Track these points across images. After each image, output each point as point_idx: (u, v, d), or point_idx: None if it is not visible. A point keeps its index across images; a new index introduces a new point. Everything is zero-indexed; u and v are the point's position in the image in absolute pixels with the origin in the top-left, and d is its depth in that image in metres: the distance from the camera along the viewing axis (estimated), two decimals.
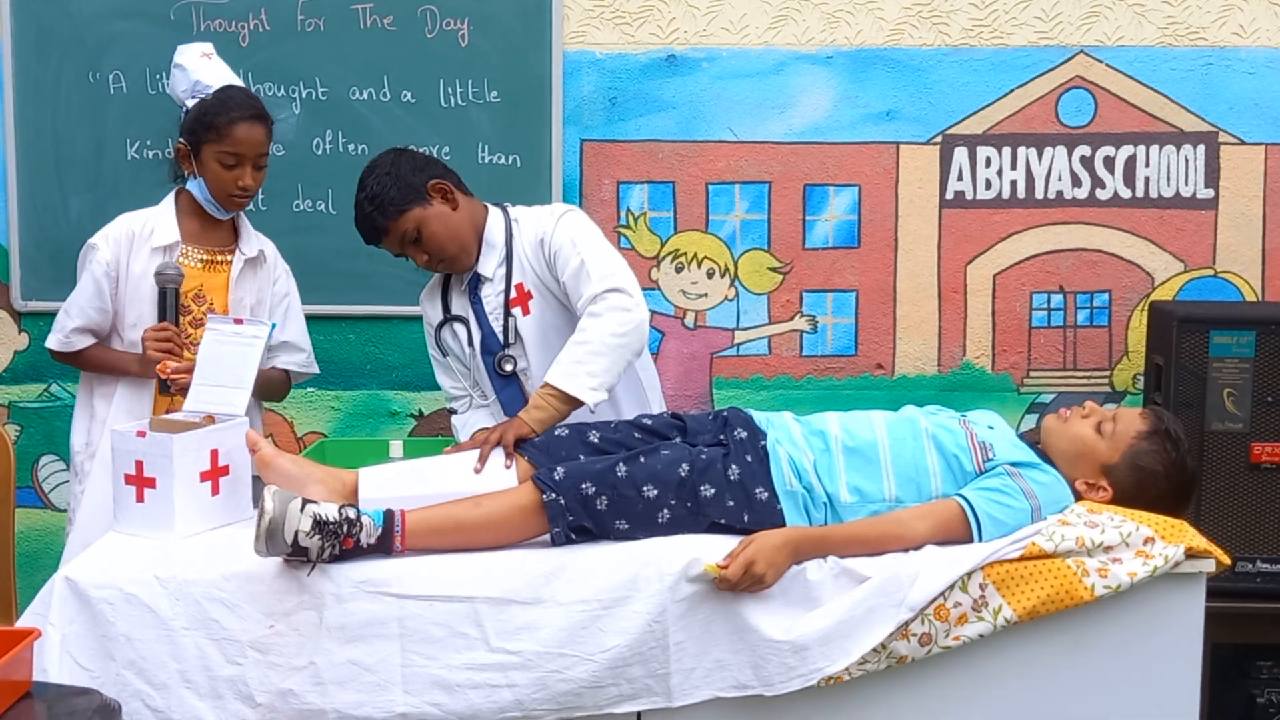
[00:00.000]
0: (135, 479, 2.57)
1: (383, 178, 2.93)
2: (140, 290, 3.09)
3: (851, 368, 4.01)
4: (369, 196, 2.93)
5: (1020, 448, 2.61)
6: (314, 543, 2.34)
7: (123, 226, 3.12)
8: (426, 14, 3.89)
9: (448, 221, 2.96)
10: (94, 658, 2.36)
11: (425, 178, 2.95)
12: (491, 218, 3.05)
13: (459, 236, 2.97)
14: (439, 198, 2.95)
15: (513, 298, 3.00)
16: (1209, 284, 3.95)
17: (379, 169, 2.95)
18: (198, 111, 3.05)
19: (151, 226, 3.11)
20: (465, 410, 3.16)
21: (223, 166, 3.04)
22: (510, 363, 3.02)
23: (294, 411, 4.02)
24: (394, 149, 3.04)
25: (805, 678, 2.37)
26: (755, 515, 2.52)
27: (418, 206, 2.92)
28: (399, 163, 2.96)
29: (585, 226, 2.96)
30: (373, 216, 2.93)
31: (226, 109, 3.04)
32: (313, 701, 2.36)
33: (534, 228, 2.99)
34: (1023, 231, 3.96)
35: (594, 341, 2.74)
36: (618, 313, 2.77)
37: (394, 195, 2.91)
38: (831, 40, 3.90)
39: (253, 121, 3.06)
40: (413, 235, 2.93)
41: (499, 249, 3.01)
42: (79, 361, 3.17)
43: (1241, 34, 3.87)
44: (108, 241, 3.09)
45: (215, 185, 3.07)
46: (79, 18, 3.90)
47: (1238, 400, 3.42)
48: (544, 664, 2.35)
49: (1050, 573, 2.40)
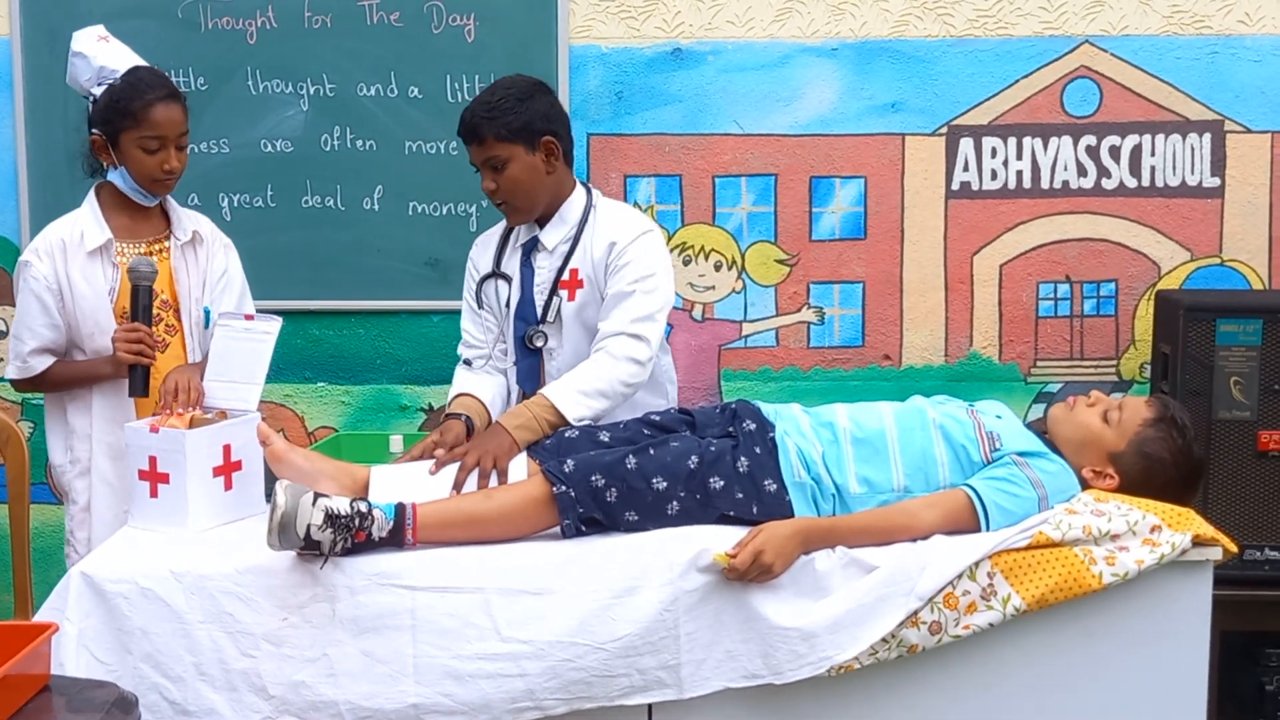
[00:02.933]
0: (149, 474, 2.59)
1: (514, 102, 2.91)
2: (89, 299, 2.99)
3: (859, 359, 4.02)
4: (491, 105, 2.90)
5: (1027, 437, 2.62)
6: (326, 536, 2.36)
7: (52, 236, 3.00)
8: (433, 10, 3.91)
9: (535, 176, 2.95)
10: (111, 651, 2.38)
11: (546, 128, 2.94)
12: (575, 195, 3.05)
13: (534, 194, 2.97)
14: (543, 152, 2.95)
15: (564, 279, 3.01)
16: (1215, 272, 3.95)
17: (516, 90, 2.93)
18: (109, 99, 2.93)
19: (80, 230, 3.00)
20: (478, 367, 3.16)
21: (145, 152, 2.93)
22: (541, 339, 3.04)
23: (305, 406, 4.04)
24: (544, 84, 3.02)
25: (815, 666, 2.39)
26: (764, 507, 2.53)
27: (522, 146, 2.92)
28: (537, 99, 2.95)
29: (657, 256, 2.98)
30: (480, 124, 2.90)
31: (140, 92, 2.92)
32: (325, 693, 2.38)
33: (613, 228, 2.99)
34: (1029, 221, 3.97)
35: (604, 381, 2.80)
36: (631, 365, 2.84)
37: (511, 121, 2.89)
38: (836, 32, 3.91)
39: (169, 101, 2.95)
40: (498, 163, 2.92)
41: (569, 226, 3.02)
42: (44, 384, 3.05)
43: (1247, 22, 3.87)
44: (40, 256, 2.98)
45: (139, 172, 2.96)
46: (88, 17, 3.87)
47: (1245, 388, 3.42)
48: (555, 653, 2.37)
49: (1058, 561, 2.41)
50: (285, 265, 3.95)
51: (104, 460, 3.04)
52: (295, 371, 3.98)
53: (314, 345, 3.98)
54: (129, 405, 3.00)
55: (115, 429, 2.98)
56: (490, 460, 2.62)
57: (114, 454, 3.01)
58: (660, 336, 2.93)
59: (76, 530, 3.10)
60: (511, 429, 2.69)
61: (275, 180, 3.97)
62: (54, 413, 3.11)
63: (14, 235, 3.99)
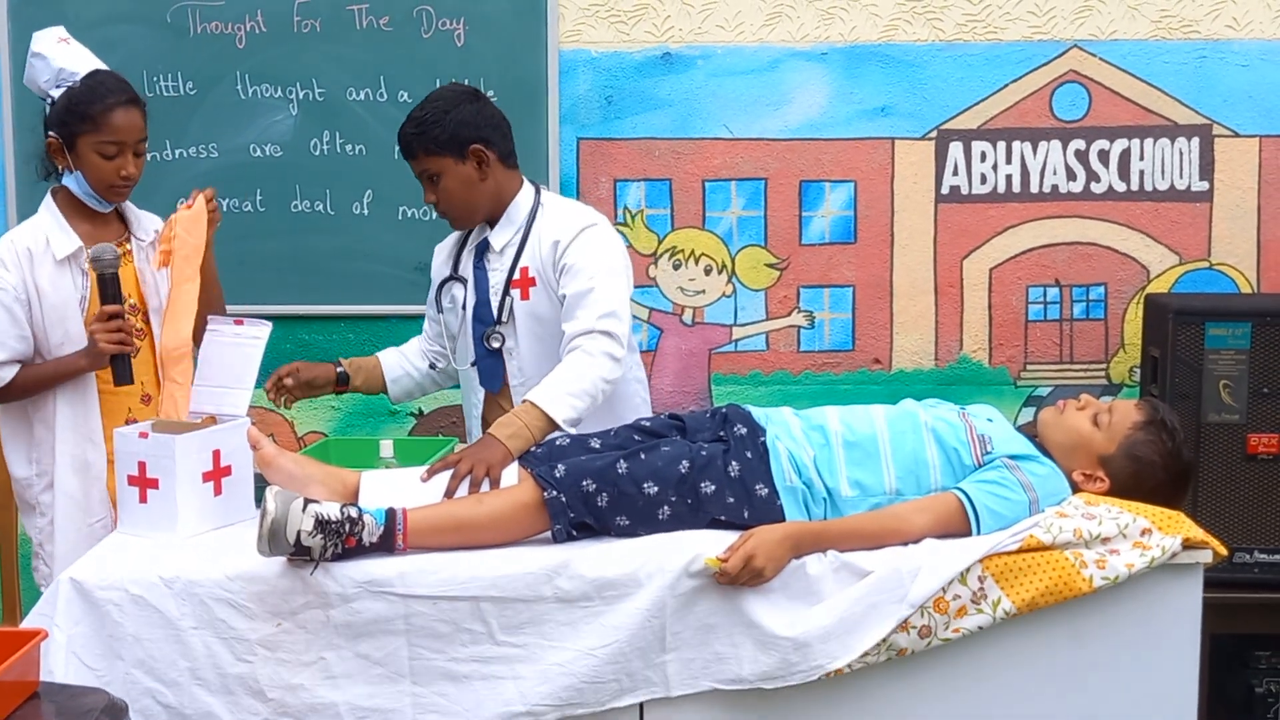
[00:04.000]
0: (138, 480, 2.58)
1: (440, 114, 2.93)
2: (58, 308, 2.90)
3: (849, 363, 4.02)
4: (419, 120, 2.94)
5: (1018, 440, 2.63)
6: (316, 542, 2.35)
7: (18, 244, 2.90)
8: (422, 14, 3.90)
9: (468, 185, 2.97)
10: (100, 658, 2.37)
11: (473, 136, 2.95)
12: (522, 195, 3.05)
13: (471, 202, 3.00)
14: (473, 161, 2.96)
15: (515, 279, 3.02)
16: (1204, 276, 3.96)
17: (443, 102, 2.96)
18: (67, 102, 2.87)
19: (44, 237, 2.91)
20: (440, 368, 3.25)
21: (103, 157, 2.87)
22: (498, 340, 3.05)
23: (294, 411, 4.03)
24: (473, 91, 3.05)
25: (806, 674, 2.39)
26: (755, 511, 2.53)
27: (450, 158, 2.94)
28: (462, 108, 2.96)
29: (605, 248, 2.97)
30: (411, 139, 2.96)
31: (100, 96, 2.86)
32: (323, 695, 2.38)
33: (556, 225, 3.00)
34: (1018, 225, 3.97)
35: (586, 381, 2.78)
36: (608, 361, 2.82)
37: (437, 134, 2.92)
38: (826, 37, 3.91)
39: (129, 106, 2.89)
40: (431, 175, 2.96)
41: (517, 226, 3.03)
42: (10, 393, 2.90)
43: (1235, 26, 3.88)
44: (6, 265, 2.87)
45: (95, 177, 2.89)
46: (76, 22, 3.88)
47: (1234, 392, 3.43)
48: (547, 656, 2.37)
49: (1048, 565, 2.41)
50: (274, 270, 3.94)
51: (68, 474, 2.94)
52: None
53: (303, 350, 3.97)
54: (94, 416, 2.92)
55: (80, 440, 2.91)
56: (483, 469, 2.61)
57: (78, 466, 2.93)
58: (627, 322, 2.90)
59: (45, 543, 2.99)
60: (504, 438, 2.68)
61: (264, 185, 3.96)
62: (16, 424, 2.98)
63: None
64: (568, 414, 2.74)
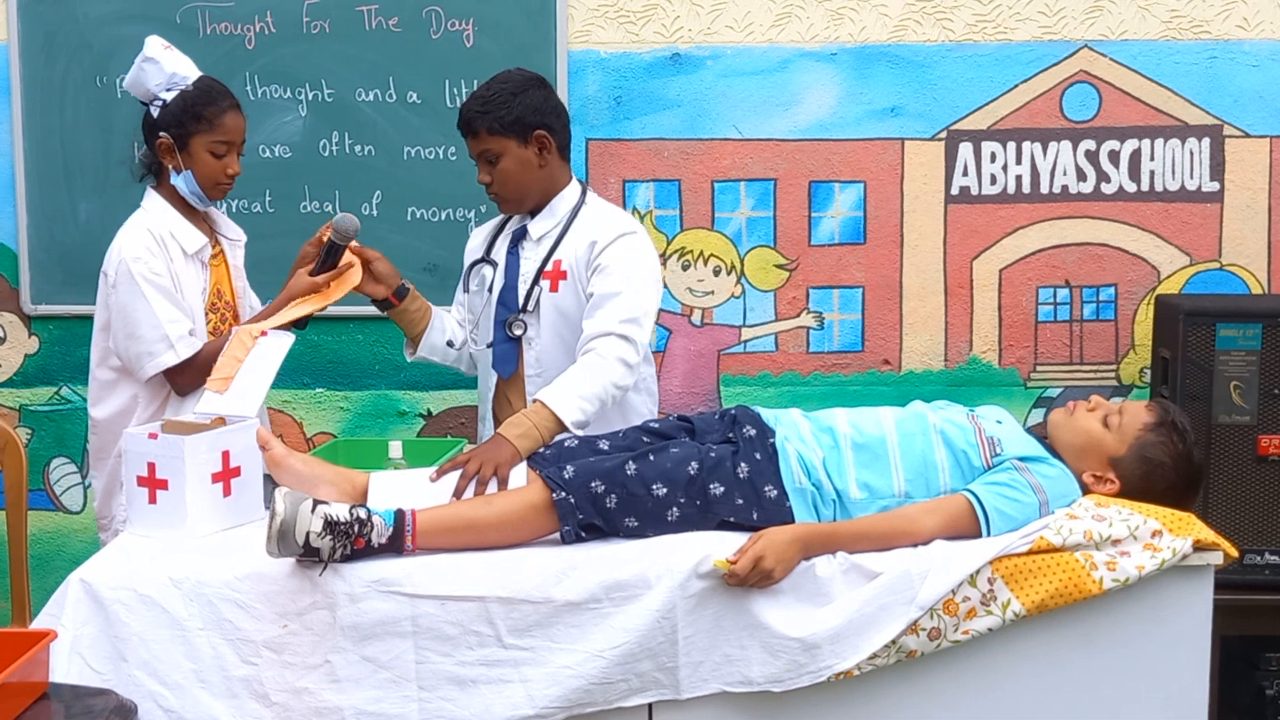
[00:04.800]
0: (147, 480, 2.59)
1: (508, 96, 2.95)
2: (191, 300, 3.06)
3: (858, 364, 4.02)
4: (485, 99, 2.96)
5: (1028, 442, 2.62)
6: (325, 543, 2.35)
7: (151, 236, 3.02)
8: (431, 15, 3.91)
9: (527, 169, 3.00)
10: (106, 659, 2.36)
11: (538, 122, 2.98)
12: (568, 190, 3.09)
13: (525, 187, 3.02)
14: (535, 146, 2.99)
15: (546, 270, 3.03)
16: (1215, 277, 3.95)
17: (511, 85, 2.98)
18: (183, 103, 3.02)
19: (168, 229, 3.05)
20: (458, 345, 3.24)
21: (214, 156, 3.04)
22: (520, 327, 3.06)
23: (303, 412, 4.04)
24: (540, 78, 3.05)
25: (815, 675, 2.38)
26: (764, 513, 2.53)
27: (514, 139, 2.96)
28: (531, 93, 2.98)
29: (640, 256, 2.99)
30: (474, 118, 2.96)
31: (213, 99, 3.04)
32: (329, 699, 2.37)
33: (596, 226, 3.02)
34: (1028, 226, 3.97)
35: (597, 384, 2.80)
36: (622, 366, 2.84)
37: (503, 115, 2.94)
38: (835, 37, 3.91)
39: (237, 110, 3.08)
40: (491, 156, 2.98)
41: (558, 220, 3.05)
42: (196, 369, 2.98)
43: (1245, 27, 3.87)
44: (152, 252, 3.01)
45: (204, 174, 3.05)
46: (85, 22, 3.92)
47: (1245, 393, 3.42)
48: (555, 659, 2.37)
49: (1058, 566, 2.41)
50: (284, 271, 3.90)
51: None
52: (293, 377, 3.98)
53: (312, 351, 3.98)
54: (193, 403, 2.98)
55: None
56: (491, 468, 2.61)
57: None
58: (646, 339, 2.94)
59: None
60: (513, 438, 2.68)
61: (274, 186, 3.97)
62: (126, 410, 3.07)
63: (11, 241, 3.98)
64: (576, 416, 2.75)
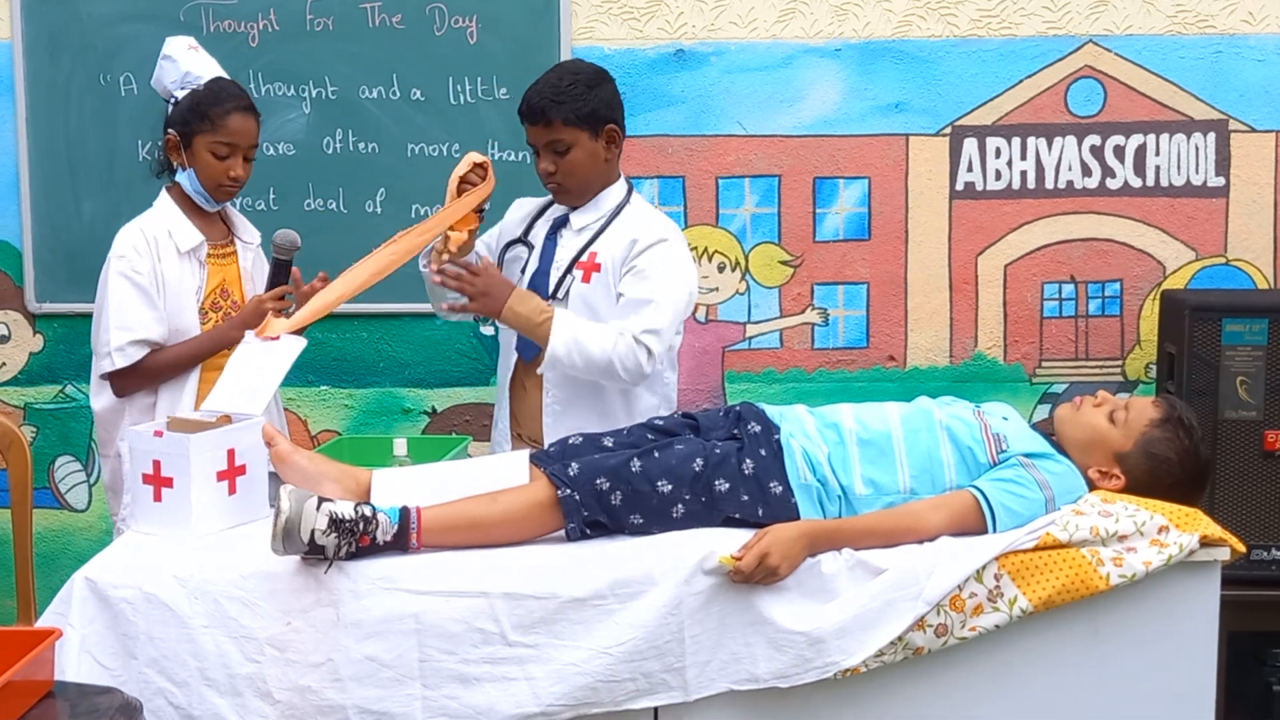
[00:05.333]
0: (153, 478, 2.58)
1: (582, 88, 2.96)
2: (178, 297, 3.05)
3: (863, 360, 4.01)
4: (560, 89, 2.96)
5: (1034, 438, 2.61)
6: (330, 541, 2.35)
7: (145, 234, 3.05)
8: (435, 12, 3.90)
9: (595, 162, 3.02)
10: (115, 656, 2.37)
11: (610, 116, 3.01)
12: (616, 186, 3.11)
13: (590, 179, 3.04)
14: (605, 139, 3.01)
15: (581, 260, 3.04)
16: (1221, 272, 3.95)
17: (585, 77, 2.99)
18: (190, 102, 3.04)
19: (167, 229, 3.07)
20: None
21: (215, 157, 3.03)
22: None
23: (307, 410, 4.04)
24: (605, 72, 3.05)
25: (821, 670, 2.38)
26: (770, 509, 2.52)
27: (588, 132, 2.98)
28: (604, 87, 3.01)
29: (677, 267, 3.01)
30: (547, 106, 2.95)
31: (220, 99, 3.03)
32: (331, 697, 2.36)
33: (638, 225, 3.03)
34: (1033, 222, 3.96)
35: (602, 350, 2.89)
36: (632, 358, 2.89)
37: (580, 107, 2.95)
38: (840, 33, 3.90)
39: (245, 112, 3.06)
40: (561, 147, 2.98)
41: (601, 213, 3.07)
42: (141, 375, 3.03)
43: (1251, 21, 3.86)
44: (139, 252, 3.03)
45: (206, 176, 3.05)
46: (89, 21, 3.92)
47: (1251, 388, 3.41)
48: (560, 656, 2.36)
49: (1065, 562, 2.40)
50: None
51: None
52: (298, 375, 3.95)
53: (316, 348, 3.97)
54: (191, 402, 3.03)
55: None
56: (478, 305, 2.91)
57: None
58: (662, 350, 2.95)
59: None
60: (514, 298, 2.89)
61: (277, 183, 3.97)
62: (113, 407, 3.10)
63: (15, 239, 3.98)
64: (560, 351, 2.86)
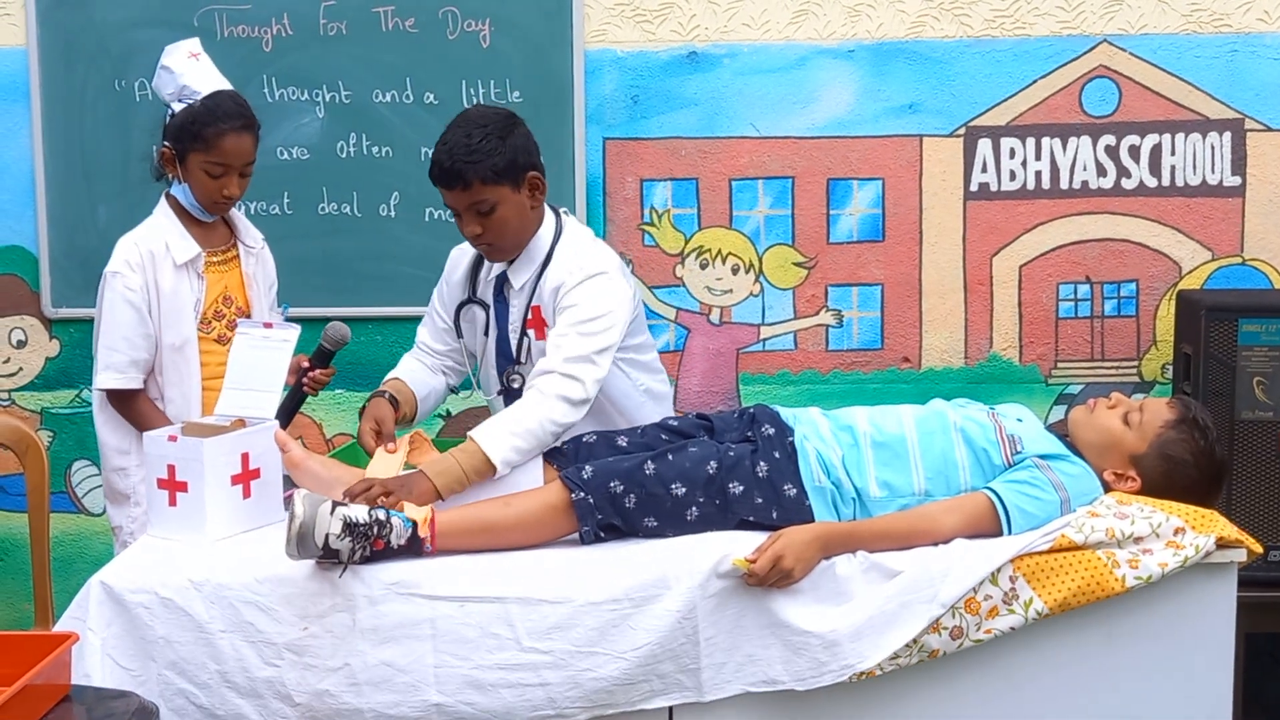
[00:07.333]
0: (167, 483, 2.59)
1: (495, 140, 2.75)
2: (176, 310, 3.04)
3: (878, 361, 4.00)
4: (470, 148, 2.74)
5: (1049, 440, 2.61)
6: (345, 545, 2.36)
7: (141, 248, 3.03)
8: (448, 16, 3.91)
9: (522, 214, 2.84)
10: (134, 658, 2.38)
11: (529, 162, 2.82)
12: (544, 229, 2.93)
13: (521, 233, 2.88)
14: (528, 189, 2.83)
15: (529, 319, 2.95)
16: (1237, 272, 3.93)
17: (493, 129, 2.77)
18: (185, 119, 2.99)
19: (165, 241, 3.04)
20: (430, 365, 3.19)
21: (209, 176, 2.99)
22: (517, 379, 2.97)
23: (322, 413, 4.05)
24: (511, 114, 2.87)
25: (836, 673, 2.37)
26: (784, 512, 2.52)
27: (509, 185, 2.78)
28: (516, 133, 2.81)
29: (603, 296, 2.80)
30: (463, 169, 2.74)
31: (215, 119, 2.97)
32: (349, 701, 2.38)
33: (563, 269, 2.86)
34: (1048, 222, 3.95)
35: (533, 420, 2.63)
36: (562, 404, 2.66)
37: (497, 162, 2.75)
38: (853, 34, 3.90)
39: (241, 132, 3.00)
40: (485, 207, 2.78)
41: (535, 265, 2.92)
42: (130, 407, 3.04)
43: (1266, 20, 3.84)
44: (131, 267, 3.01)
45: (200, 192, 3.02)
46: (104, 26, 3.93)
47: (1268, 389, 3.40)
48: (576, 662, 2.36)
49: (1081, 564, 2.40)
50: (302, 272, 3.94)
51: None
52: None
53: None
54: (195, 412, 3.02)
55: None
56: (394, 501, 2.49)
57: None
58: (598, 376, 2.73)
59: (137, 533, 3.03)
60: (433, 475, 2.56)
61: (292, 188, 3.97)
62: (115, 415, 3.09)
63: (31, 244, 4.00)
64: (507, 455, 2.60)
